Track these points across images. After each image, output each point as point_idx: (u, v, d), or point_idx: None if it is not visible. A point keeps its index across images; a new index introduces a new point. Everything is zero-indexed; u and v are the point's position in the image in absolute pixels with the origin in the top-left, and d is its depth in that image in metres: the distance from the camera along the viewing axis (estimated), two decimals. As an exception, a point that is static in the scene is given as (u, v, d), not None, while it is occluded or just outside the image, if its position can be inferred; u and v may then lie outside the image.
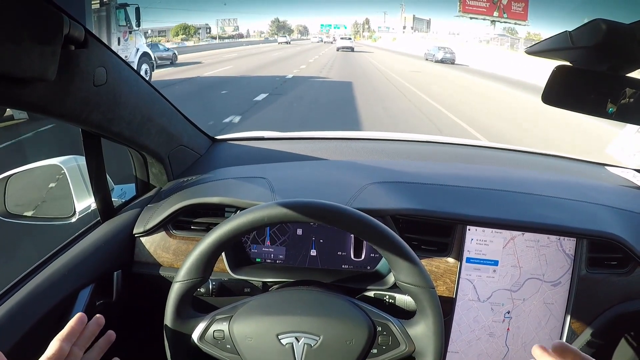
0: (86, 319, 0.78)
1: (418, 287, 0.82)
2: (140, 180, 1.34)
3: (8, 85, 0.70)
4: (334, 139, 1.76)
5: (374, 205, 1.08)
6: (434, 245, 1.12)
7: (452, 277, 1.11)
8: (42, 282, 0.95)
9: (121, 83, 1.00)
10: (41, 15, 0.69)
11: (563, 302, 1.12)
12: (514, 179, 1.33)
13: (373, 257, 1.15)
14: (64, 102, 0.83)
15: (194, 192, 1.20)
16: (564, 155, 1.74)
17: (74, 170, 1.23)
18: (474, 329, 1.14)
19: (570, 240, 1.11)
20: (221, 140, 1.66)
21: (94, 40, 0.86)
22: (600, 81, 0.78)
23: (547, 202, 1.17)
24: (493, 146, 1.79)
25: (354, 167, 1.37)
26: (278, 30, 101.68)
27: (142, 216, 1.20)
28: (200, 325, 0.86)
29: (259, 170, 1.30)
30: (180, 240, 1.16)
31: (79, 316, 0.77)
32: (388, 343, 0.84)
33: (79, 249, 1.06)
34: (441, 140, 1.82)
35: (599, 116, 0.79)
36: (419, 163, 1.49)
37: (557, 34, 0.76)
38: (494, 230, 1.11)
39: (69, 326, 0.75)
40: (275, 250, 1.17)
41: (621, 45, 0.69)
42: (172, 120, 1.29)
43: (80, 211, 1.21)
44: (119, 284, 1.11)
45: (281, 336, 0.84)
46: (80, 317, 0.77)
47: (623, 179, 1.51)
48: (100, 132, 1.04)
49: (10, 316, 0.86)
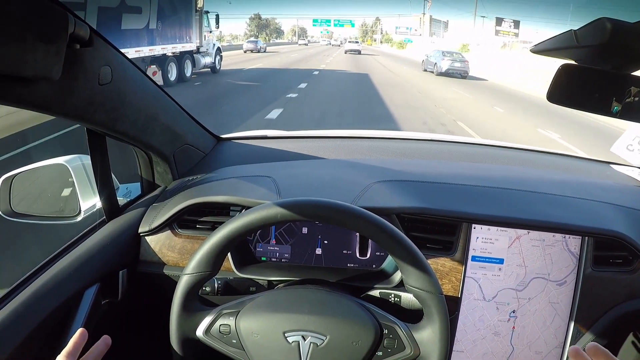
0: (87, 334, 0.79)
1: (427, 293, 0.83)
2: (145, 179, 1.34)
3: (13, 84, 0.70)
4: (339, 138, 1.76)
5: (379, 203, 1.08)
6: (439, 243, 1.12)
7: (458, 276, 1.11)
8: (47, 281, 0.95)
9: (126, 82, 1.00)
10: (46, 14, 0.69)
11: (568, 301, 1.12)
12: (519, 177, 1.33)
13: (378, 255, 1.15)
14: (69, 101, 0.84)
15: (199, 191, 1.20)
16: (569, 153, 1.74)
17: (79, 170, 1.23)
18: (479, 328, 1.14)
19: (575, 239, 1.10)
20: (226, 139, 1.66)
21: (99, 39, 0.86)
22: (605, 80, 0.78)
23: (553, 200, 1.17)
24: (498, 145, 1.79)
25: (359, 166, 1.37)
26: (259, 30, 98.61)
27: (147, 215, 1.20)
28: (206, 319, 0.87)
29: (264, 169, 1.30)
30: (186, 239, 1.17)
31: (81, 332, 0.79)
32: (394, 346, 0.84)
33: (84, 248, 1.07)
34: (446, 138, 1.82)
35: (604, 115, 0.79)
36: (424, 162, 1.49)
37: (562, 32, 0.76)
38: (499, 228, 1.10)
39: (72, 342, 0.77)
40: (281, 249, 1.17)
41: (626, 44, 0.69)
42: (177, 119, 1.29)
43: (85, 210, 1.22)
44: (125, 283, 1.12)
45: (288, 334, 0.84)
46: (82, 333, 0.79)
47: (628, 177, 1.51)
48: (105, 131, 1.05)
49: (15, 315, 0.87)
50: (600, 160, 1.70)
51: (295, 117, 9.05)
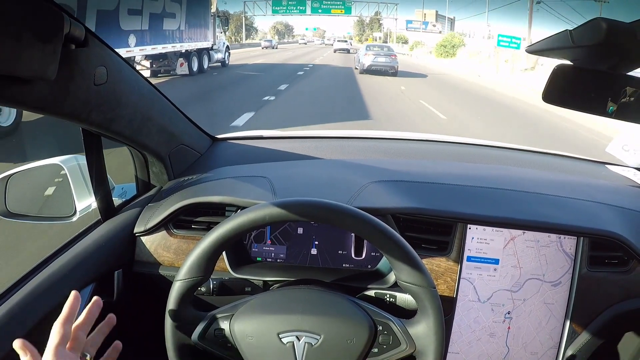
0: (80, 298, 0.77)
1: (419, 287, 0.83)
2: (140, 179, 1.34)
3: (8, 84, 0.70)
4: (334, 138, 1.76)
5: (374, 204, 1.08)
6: (434, 244, 1.12)
7: (453, 276, 1.11)
8: (42, 281, 0.95)
9: (122, 82, 1.00)
10: (41, 14, 0.69)
11: (563, 302, 1.12)
12: (514, 177, 1.33)
13: (374, 255, 1.15)
14: (65, 101, 0.84)
15: (194, 191, 1.20)
16: (565, 154, 1.74)
17: (75, 170, 1.23)
18: (475, 329, 1.14)
19: (570, 240, 1.10)
20: (221, 139, 1.66)
21: (94, 39, 0.86)
22: (600, 80, 0.78)
23: (548, 200, 1.17)
24: (493, 145, 1.79)
25: (354, 166, 1.37)
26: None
27: (142, 215, 1.20)
28: (201, 325, 0.86)
29: (259, 170, 1.30)
30: (181, 240, 1.16)
31: (74, 294, 0.77)
32: (389, 342, 0.84)
33: (79, 249, 1.06)
34: (441, 139, 1.82)
35: (600, 115, 0.79)
36: (420, 162, 1.49)
37: (558, 32, 0.76)
38: (494, 229, 1.10)
39: (66, 307, 0.75)
40: (276, 250, 1.17)
41: (621, 44, 0.69)
42: (172, 120, 1.29)
43: (80, 210, 1.21)
44: (120, 283, 1.11)
45: (282, 335, 0.84)
46: (75, 295, 0.77)
47: (624, 178, 1.51)
48: (101, 131, 1.04)
49: (10, 316, 0.86)
50: (595, 160, 1.70)
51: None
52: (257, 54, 33.29)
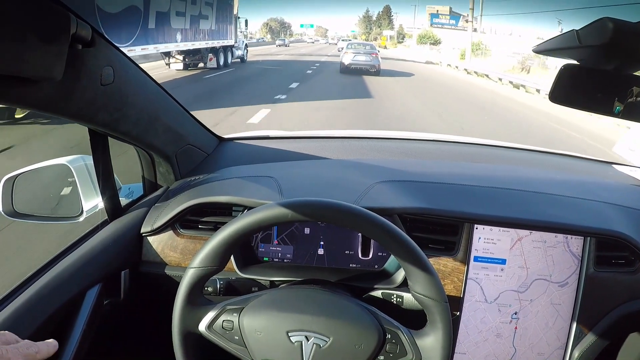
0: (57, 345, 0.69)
1: (432, 300, 0.82)
2: (147, 179, 1.34)
3: (15, 85, 0.70)
4: (341, 138, 1.76)
5: (381, 204, 1.08)
6: (441, 244, 1.12)
7: (460, 276, 1.11)
8: (49, 281, 0.95)
9: (128, 82, 1.00)
10: (48, 14, 0.69)
11: (570, 302, 1.11)
12: (520, 177, 1.33)
13: (380, 256, 1.15)
14: (71, 102, 0.84)
15: (201, 191, 1.20)
16: (571, 153, 1.74)
17: (82, 170, 1.23)
18: (482, 330, 1.14)
19: (577, 240, 1.10)
20: (228, 139, 1.66)
21: (101, 39, 0.86)
22: (607, 80, 0.78)
23: (555, 200, 1.17)
24: (499, 145, 1.79)
25: (360, 166, 1.37)
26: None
27: (149, 215, 1.20)
28: (209, 314, 0.87)
29: (266, 170, 1.30)
30: (188, 240, 1.17)
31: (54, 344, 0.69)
32: (396, 351, 0.84)
33: (86, 249, 1.07)
34: (448, 139, 1.82)
35: (606, 115, 0.79)
36: (426, 162, 1.49)
37: (564, 32, 0.76)
38: (501, 229, 1.10)
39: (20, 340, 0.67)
40: (283, 250, 1.17)
41: (628, 44, 0.69)
42: (179, 120, 1.30)
43: (87, 210, 1.22)
44: (127, 283, 1.12)
45: (291, 333, 0.84)
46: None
47: (630, 178, 1.50)
48: (108, 131, 1.05)
49: (17, 316, 0.86)
50: (602, 160, 1.69)
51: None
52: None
